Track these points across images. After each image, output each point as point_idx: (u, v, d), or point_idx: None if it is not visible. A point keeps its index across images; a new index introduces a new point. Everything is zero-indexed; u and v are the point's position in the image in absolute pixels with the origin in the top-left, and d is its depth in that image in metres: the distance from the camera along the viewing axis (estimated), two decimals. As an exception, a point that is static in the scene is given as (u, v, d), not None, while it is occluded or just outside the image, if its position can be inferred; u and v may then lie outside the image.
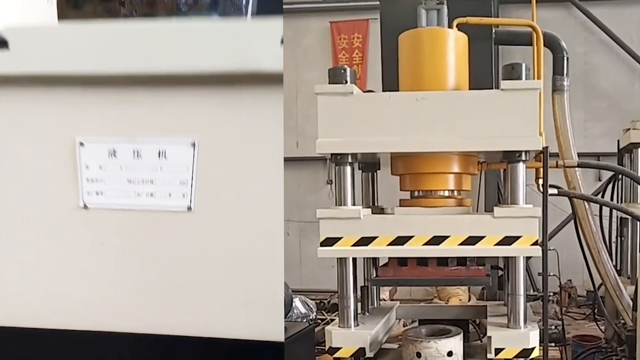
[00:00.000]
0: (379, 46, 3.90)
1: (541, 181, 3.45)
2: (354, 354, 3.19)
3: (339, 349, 3.19)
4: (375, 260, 3.67)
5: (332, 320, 4.65)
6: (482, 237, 3.05)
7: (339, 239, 3.10)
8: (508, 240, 3.02)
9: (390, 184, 3.69)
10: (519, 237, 3.02)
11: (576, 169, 4.18)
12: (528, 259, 3.56)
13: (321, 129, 3.07)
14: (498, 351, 3.04)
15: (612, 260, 4.66)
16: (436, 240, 3.07)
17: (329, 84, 3.09)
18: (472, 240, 3.05)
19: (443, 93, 3.15)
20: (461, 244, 3.06)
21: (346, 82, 3.07)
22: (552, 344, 5.14)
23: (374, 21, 10.83)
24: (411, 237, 3.08)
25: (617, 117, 9.79)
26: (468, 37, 3.39)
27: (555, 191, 3.65)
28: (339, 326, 3.25)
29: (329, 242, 3.11)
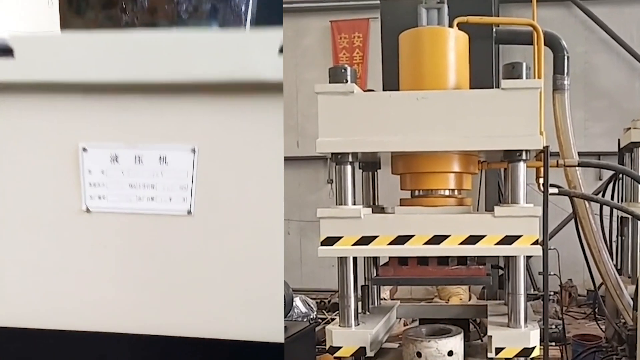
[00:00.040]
0: (379, 45, 3.90)
1: (542, 180, 3.45)
2: (354, 353, 3.19)
3: (339, 348, 3.19)
4: (375, 259, 3.66)
5: (332, 320, 4.66)
6: (483, 237, 3.04)
7: (340, 238, 3.10)
8: (508, 240, 3.02)
9: (391, 183, 3.69)
10: (519, 237, 3.02)
11: (577, 168, 4.18)
12: (528, 258, 3.56)
13: (321, 129, 3.07)
14: (498, 350, 3.04)
15: (612, 260, 4.66)
16: (437, 240, 3.07)
17: (330, 83, 3.09)
18: (472, 240, 3.05)
19: (443, 92, 3.15)
20: (462, 244, 3.06)
21: (347, 82, 3.07)
22: (553, 344, 5.14)
23: (375, 20, 10.82)
24: (412, 237, 3.08)
25: (618, 116, 9.79)
26: (468, 36, 3.38)
27: (555, 190, 3.65)
28: (340, 325, 3.25)
29: (330, 241, 3.11)
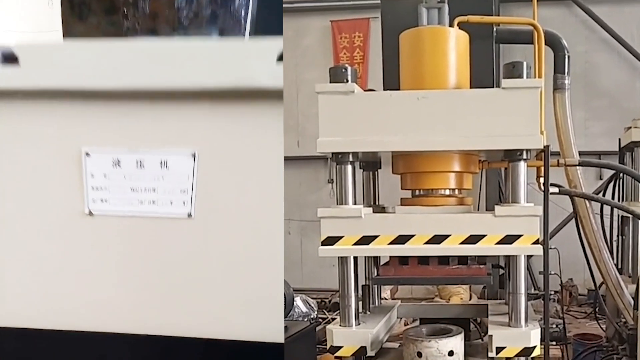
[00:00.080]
0: (380, 45, 3.90)
1: (542, 180, 3.45)
2: (355, 353, 3.19)
3: (340, 347, 3.19)
4: (376, 259, 3.66)
5: (333, 319, 4.66)
6: (483, 236, 3.04)
7: (340, 238, 3.11)
8: (509, 239, 3.02)
9: (391, 183, 3.69)
10: (520, 236, 3.02)
11: (577, 167, 4.17)
12: (529, 257, 3.55)
13: (322, 128, 3.07)
14: (499, 350, 3.04)
15: (613, 259, 4.66)
16: (437, 239, 3.07)
17: (330, 83, 3.09)
18: (473, 239, 3.05)
19: (444, 92, 3.15)
20: (462, 243, 3.06)
21: (347, 81, 3.07)
22: (553, 343, 5.13)
23: (375, 20, 10.82)
24: (412, 236, 3.08)
25: (618, 115, 9.78)
26: (469, 35, 3.38)
27: (556, 190, 3.65)
28: (340, 325, 3.25)
29: (330, 241, 3.11)
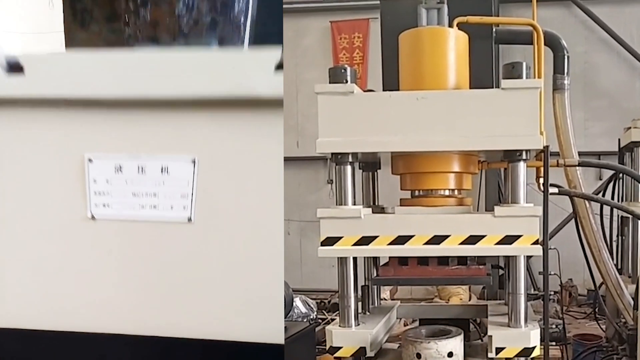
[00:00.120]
0: (379, 45, 3.90)
1: (542, 180, 3.45)
2: (354, 354, 3.19)
3: (339, 348, 3.19)
4: (375, 259, 3.66)
5: (332, 320, 4.66)
6: (483, 237, 3.04)
7: (340, 238, 3.10)
8: (509, 240, 3.02)
9: (391, 183, 3.69)
10: (519, 236, 3.02)
11: (577, 167, 4.18)
12: (529, 258, 3.55)
13: (321, 129, 3.06)
14: (499, 350, 3.04)
15: (612, 259, 4.65)
16: (437, 240, 3.07)
17: (330, 83, 3.09)
18: (472, 240, 3.05)
19: (443, 92, 3.15)
20: (462, 243, 3.06)
21: (346, 82, 3.06)
22: (553, 343, 5.13)
23: (375, 20, 10.82)
24: (412, 237, 3.08)
25: (618, 115, 9.79)
26: (468, 36, 3.38)
27: (555, 190, 3.65)
28: (340, 326, 3.25)
29: (330, 241, 3.11)
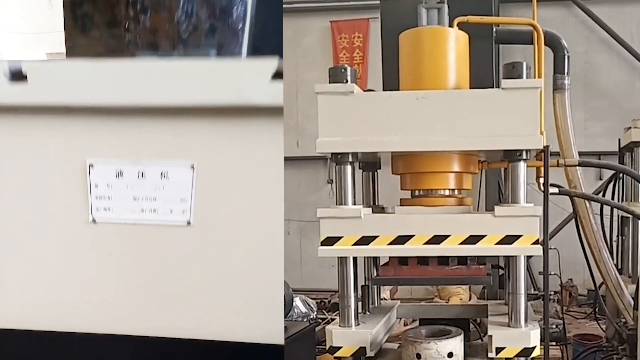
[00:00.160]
0: (379, 45, 3.90)
1: (542, 180, 3.44)
2: (354, 354, 3.18)
3: (339, 348, 3.18)
4: (375, 259, 3.66)
5: (332, 320, 4.65)
6: (483, 236, 3.04)
7: (340, 238, 3.10)
8: (509, 239, 3.02)
9: (391, 183, 3.69)
10: (519, 236, 3.01)
11: (577, 167, 4.17)
12: (529, 258, 3.55)
13: (321, 129, 3.06)
14: (499, 350, 3.04)
15: (613, 259, 4.65)
16: (437, 240, 3.07)
17: (330, 83, 3.08)
18: (472, 240, 3.05)
19: (443, 92, 3.15)
20: (462, 243, 3.06)
21: (346, 81, 3.06)
22: (553, 343, 5.13)
23: (375, 20, 10.81)
24: (412, 236, 3.08)
25: (618, 115, 9.78)
26: (469, 36, 3.38)
27: (556, 190, 3.64)
28: (340, 325, 3.25)
29: (330, 241, 3.10)
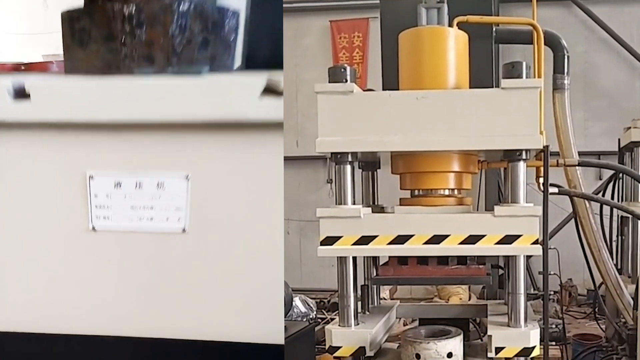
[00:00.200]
0: (379, 45, 3.90)
1: (542, 180, 3.44)
2: (354, 353, 3.19)
3: (339, 348, 3.18)
4: (375, 259, 3.66)
5: (332, 319, 4.65)
6: (483, 236, 3.04)
7: (339, 238, 3.10)
8: (508, 239, 3.02)
9: (391, 182, 3.69)
10: (519, 236, 3.01)
11: (577, 167, 4.18)
12: (528, 257, 3.55)
13: (321, 128, 3.06)
14: (498, 350, 3.04)
15: (612, 259, 4.66)
16: (436, 239, 3.07)
17: (329, 82, 3.08)
18: (472, 239, 3.05)
19: (443, 92, 3.15)
20: (461, 243, 3.06)
21: (346, 81, 3.06)
22: (553, 343, 5.13)
23: (374, 20, 10.82)
24: (411, 236, 3.08)
25: (618, 115, 9.78)
26: (468, 35, 3.38)
27: (555, 190, 3.64)
28: (339, 325, 3.25)
29: (329, 241, 3.10)
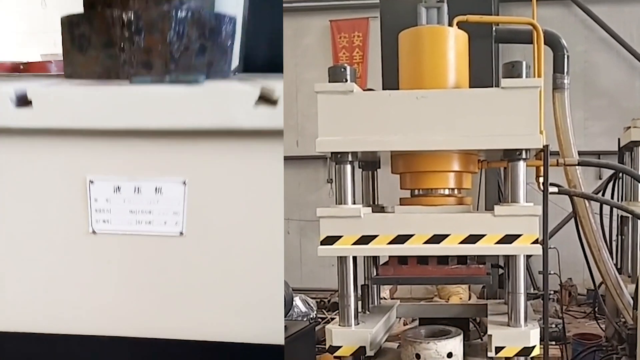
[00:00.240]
0: (379, 45, 3.90)
1: (542, 179, 3.44)
2: (354, 353, 3.19)
3: (339, 347, 3.19)
4: (375, 258, 3.66)
5: (332, 319, 4.65)
6: (483, 236, 3.04)
7: (340, 237, 3.10)
8: (508, 239, 3.02)
9: (391, 182, 3.69)
10: (519, 236, 3.01)
11: (576, 167, 4.18)
12: (528, 257, 3.55)
13: (321, 128, 3.06)
14: (498, 350, 3.04)
15: (612, 259, 4.66)
16: (436, 239, 3.07)
17: (329, 82, 3.08)
18: (472, 239, 3.05)
19: (443, 91, 3.15)
20: (461, 243, 3.06)
21: (346, 81, 3.06)
22: (553, 343, 5.15)
23: (374, 19, 10.82)
24: (411, 236, 3.08)
25: (618, 115, 9.79)
26: (468, 35, 3.38)
27: (555, 189, 3.64)
28: (340, 325, 3.25)
29: (330, 240, 3.10)
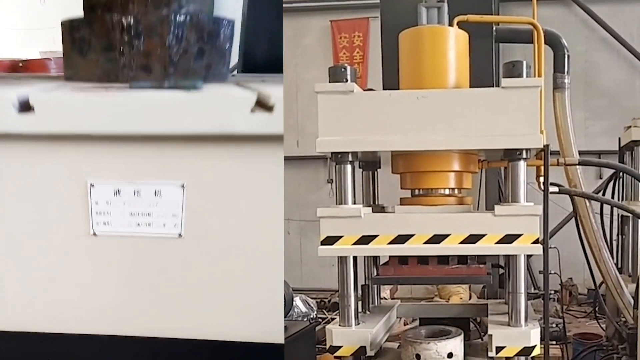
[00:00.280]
0: (379, 45, 3.90)
1: (542, 179, 3.44)
2: (354, 353, 3.19)
3: (339, 347, 3.19)
4: (375, 258, 3.66)
5: (332, 319, 4.66)
6: (483, 236, 3.04)
7: (340, 237, 3.10)
8: (509, 239, 3.02)
9: (391, 182, 3.69)
10: (519, 235, 3.01)
11: (577, 166, 4.17)
12: (529, 257, 3.55)
13: (321, 128, 3.06)
14: (499, 349, 3.04)
15: (613, 258, 4.66)
16: (437, 239, 3.07)
17: (329, 82, 3.08)
18: (472, 239, 3.05)
19: (443, 91, 3.15)
20: (462, 242, 3.06)
21: (346, 81, 3.06)
22: (553, 342, 5.13)
23: (375, 19, 10.81)
24: (412, 236, 3.08)
25: (618, 114, 9.79)
26: (468, 34, 3.38)
27: (556, 189, 3.65)
28: (340, 325, 3.25)
29: (330, 240, 3.11)
